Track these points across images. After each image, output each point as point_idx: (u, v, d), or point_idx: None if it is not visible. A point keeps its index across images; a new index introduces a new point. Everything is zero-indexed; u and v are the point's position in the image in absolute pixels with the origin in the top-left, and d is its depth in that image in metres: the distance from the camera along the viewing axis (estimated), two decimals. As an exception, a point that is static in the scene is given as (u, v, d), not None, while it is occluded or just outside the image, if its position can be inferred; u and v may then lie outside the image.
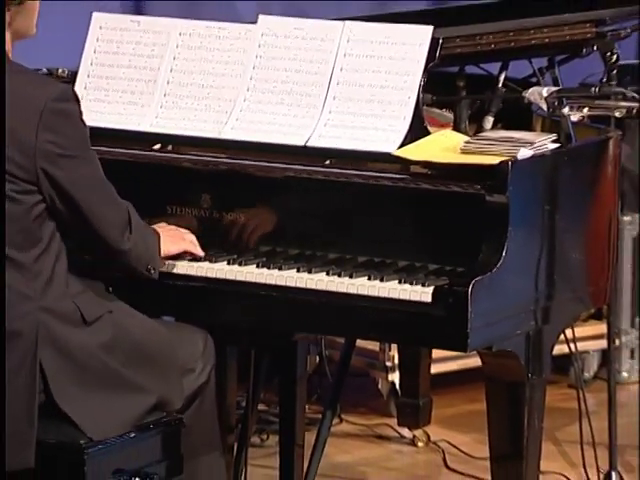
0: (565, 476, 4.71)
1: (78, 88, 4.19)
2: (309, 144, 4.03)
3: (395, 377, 5.25)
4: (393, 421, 5.26)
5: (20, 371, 3.50)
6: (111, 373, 3.61)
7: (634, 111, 4.01)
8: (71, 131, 3.53)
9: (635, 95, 4.06)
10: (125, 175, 3.84)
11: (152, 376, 3.69)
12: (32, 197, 3.49)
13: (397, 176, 3.93)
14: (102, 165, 3.65)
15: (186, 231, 3.95)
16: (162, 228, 3.83)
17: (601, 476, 4.56)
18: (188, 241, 3.92)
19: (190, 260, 3.93)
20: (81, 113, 3.57)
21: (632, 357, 5.60)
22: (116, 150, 4.03)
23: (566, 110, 3.96)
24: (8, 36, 3.57)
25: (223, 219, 4.04)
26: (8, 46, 3.57)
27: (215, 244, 4.02)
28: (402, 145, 3.95)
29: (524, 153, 3.81)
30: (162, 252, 3.79)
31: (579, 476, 4.64)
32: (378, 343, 5.21)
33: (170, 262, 3.90)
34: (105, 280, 3.75)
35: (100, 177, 3.60)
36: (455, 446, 5.06)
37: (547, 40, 4.49)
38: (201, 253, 3.94)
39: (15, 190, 3.46)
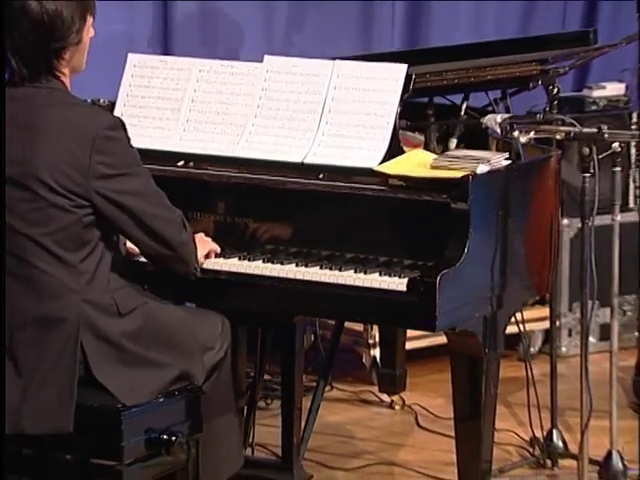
0: (516, 433, 4.72)
1: (118, 113, 4.22)
2: (305, 161, 4.04)
3: (376, 352, 5.28)
4: (374, 388, 5.27)
5: (64, 351, 3.50)
6: (139, 354, 3.60)
7: (571, 134, 4.04)
8: (119, 153, 3.52)
9: (572, 121, 4.09)
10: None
11: (177, 355, 3.68)
12: (84, 210, 3.47)
13: (378, 187, 3.94)
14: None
15: (208, 239, 3.96)
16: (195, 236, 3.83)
17: (544, 433, 4.57)
18: (210, 245, 3.93)
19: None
20: (128, 138, 3.56)
21: (570, 335, 5.61)
22: (147, 166, 4.03)
23: (516, 133, 3.99)
24: (67, 72, 3.57)
25: (235, 223, 4.06)
26: (67, 81, 3.57)
27: (228, 243, 4.02)
28: (382, 162, 3.97)
29: (482, 168, 3.84)
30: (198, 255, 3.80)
31: (527, 433, 4.64)
32: (362, 324, 5.19)
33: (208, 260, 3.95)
34: (142, 280, 3.75)
35: (151, 187, 3.59)
36: (425, 408, 5.07)
37: (501, 76, 4.52)
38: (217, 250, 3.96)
39: (70, 204, 3.45)
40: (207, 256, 3.90)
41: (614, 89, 5.76)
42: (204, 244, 3.87)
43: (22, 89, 3.52)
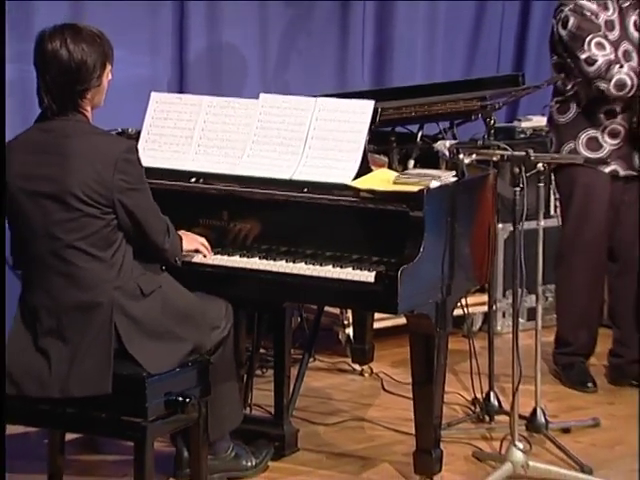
0: (461, 395, 4.73)
1: (141, 142, 4.23)
2: (293, 178, 4.04)
3: (349, 331, 5.28)
4: (348, 360, 5.28)
5: (101, 330, 3.51)
6: (162, 329, 3.61)
7: (505, 157, 4.05)
8: (133, 172, 3.53)
9: (505, 146, 4.11)
10: (172, 199, 3.87)
11: (191, 331, 3.69)
12: (109, 216, 3.49)
13: (351, 199, 3.95)
14: (156, 192, 3.68)
15: (197, 236, 3.97)
16: (183, 234, 3.85)
17: (483, 394, 4.58)
18: (199, 242, 3.94)
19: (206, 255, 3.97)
20: (139, 159, 3.59)
21: (504, 316, 5.63)
22: (165, 182, 4.05)
23: (461, 156, 4.00)
24: (89, 108, 3.58)
25: (236, 227, 4.06)
26: (89, 114, 3.58)
27: (230, 244, 4.04)
28: (354, 178, 3.97)
29: (434, 184, 3.85)
30: (183, 247, 3.83)
31: (469, 395, 4.65)
32: (338, 309, 5.19)
33: (201, 257, 3.95)
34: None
35: (151, 201, 3.61)
36: (389, 376, 5.07)
37: (448, 110, 4.54)
38: (208, 251, 3.96)
39: (99, 212, 3.47)
40: (197, 250, 3.93)
41: (538, 121, 5.79)
42: (191, 241, 3.90)
43: (53, 122, 3.54)
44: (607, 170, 4.83)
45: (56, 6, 5.09)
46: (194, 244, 3.91)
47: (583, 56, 4.67)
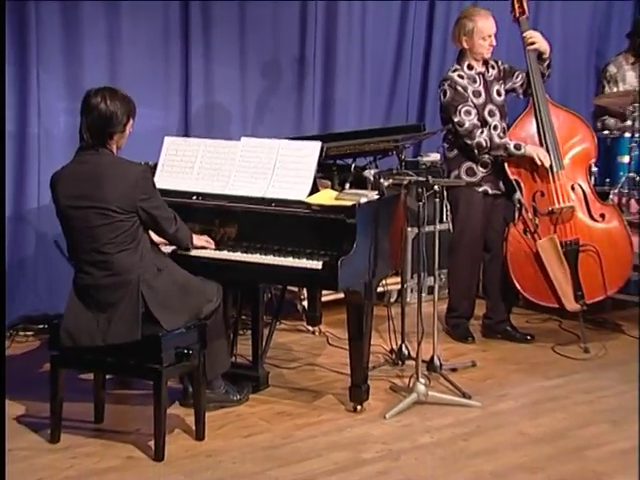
0: (382, 347, 4.68)
1: (158, 171, 4.21)
2: (264, 196, 4.03)
3: (305, 303, 5.26)
4: (304, 323, 5.24)
5: (131, 298, 3.51)
6: (174, 298, 3.60)
7: (412, 181, 4.05)
8: (149, 186, 3.57)
9: (412, 174, 4.12)
10: (179, 211, 3.80)
11: (193, 301, 3.68)
12: (134, 219, 3.51)
13: (305, 210, 3.93)
14: (169, 205, 3.69)
15: (206, 237, 3.96)
16: (194, 235, 3.87)
17: (397, 346, 4.55)
18: (205, 239, 3.94)
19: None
20: (152, 177, 3.65)
21: (411, 292, 5.61)
22: (175, 199, 4.00)
23: (382, 180, 4.01)
24: (114, 147, 3.58)
25: (224, 231, 4.03)
26: (114, 150, 3.58)
27: (220, 242, 4.00)
28: (308, 196, 3.96)
29: (363, 200, 3.85)
30: (193, 242, 3.85)
31: (388, 346, 4.61)
32: (297, 287, 5.17)
33: (199, 251, 3.90)
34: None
35: (161, 202, 3.63)
36: (332, 334, 5.04)
37: (373, 148, 4.53)
38: (212, 245, 3.95)
39: (126, 217, 3.49)
40: (204, 247, 3.92)
41: (435, 156, 5.77)
42: (199, 239, 3.90)
43: (87, 156, 3.55)
44: (480, 190, 4.84)
45: (98, 71, 5.07)
46: (201, 242, 3.91)
47: (456, 119, 4.69)
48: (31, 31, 4.84)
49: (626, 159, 5.90)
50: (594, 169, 5.22)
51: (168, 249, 3.85)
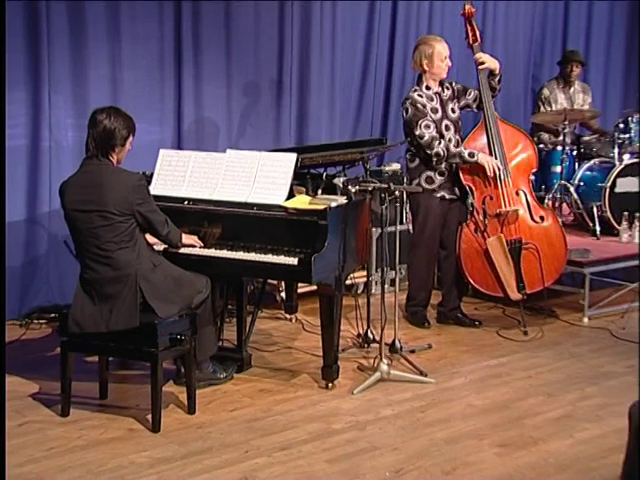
0: (350, 332, 4.68)
1: (154, 179, 4.18)
2: (247, 201, 4.00)
3: (283, 294, 5.22)
4: (282, 312, 5.20)
5: (130, 290, 3.49)
6: (167, 290, 3.59)
7: (376, 187, 4.05)
8: (144, 192, 3.55)
9: (376, 181, 4.12)
10: (173, 214, 3.80)
11: (185, 292, 3.67)
12: (131, 220, 3.50)
13: (283, 213, 3.92)
14: (163, 210, 3.67)
15: (195, 237, 3.93)
16: (184, 235, 3.84)
17: (364, 331, 4.54)
18: (193, 239, 3.91)
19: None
20: (146, 184, 3.62)
21: (376, 284, 5.56)
22: (169, 204, 3.98)
23: (350, 187, 4.00)
24: (115, 160, 3.57)
25: (212, 231, 4.00)
26: (115, 162, 3.57)
27: (208, 241, 3.97)
28: (285, 200, 3.94)
29: (334, 204, 3.86)
30: (183, 241, 3.82)
31: (355, 331, 4.62)
32: (276, 281, 5.14)
33: (190, 249, 3.89)
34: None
35: (154, 206, 3.61)
36: (308, 321, 5.02)
37: (342, 159, 4.54)
38: (199, 243, 3.92)
39: (125, 219, 3.48)
40: (192, 245, 3.90)
41: (396, 166, 5.77)
42: (188, 238, 3.87)
43: (91, 166, 3.54)
44: (438, 195, 4.84)
45: (102, 91, 5.05)
46: (190, 240, 3.88)
47: (417, 132, 4.69)
48: (43, 58, 4.85)
49: (558, 169, 6.01)
50: (532, 177, 5.26)
51: (160, 248, 3.84)
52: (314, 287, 4.38)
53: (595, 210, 5.78)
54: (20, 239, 4.90)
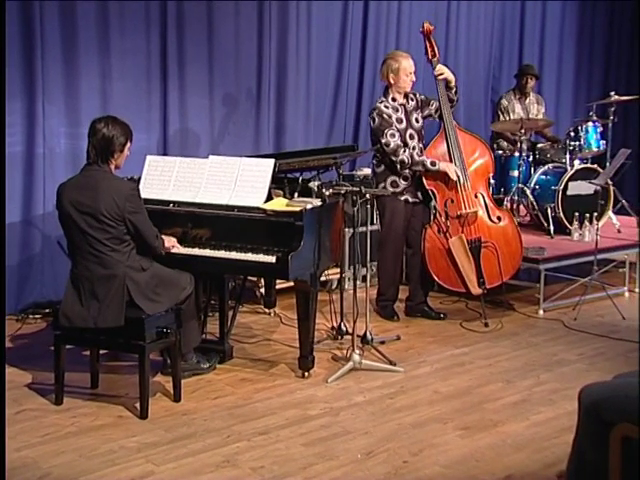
0: (325, 325, 4.69)
1: (141, 183, 4.13)
2: (228, 203, 3.98)
3: (262, 290, 5.20)
4: (261, 306, 5.18)
5: (118, 289, 3.46)
6: (153, 289, 3.56)
7: (348, 190, 4.05)
8: (137, 201, 3.51)
9: (348, 185, 4.12)
10: (159, 216, 3.81)
11: (170, 290, 3.64)
12: (122, 225, 3.46)
13: (262, 215, 3.90)
14: (150, 211, 3.64)
15: (173, 239, 3.89)
16: (164, 237, 3.78)
17: (337, 324, 4.56)
18: (172, 242, 3.86)
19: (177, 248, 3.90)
20: (140, 194, 3.57)
21: (348, 280, 5.57)
22: (156, 206, 3.96)
23: (324, 190, 4.01)
24: (113, 166, 3.54)
25: (196, 232, 3.99)
26: (113, 169, 3.54)
27: (192, 241, 3.96)
28: (264, 202, 3.93)
29: (309, 206, 3.86)
30: (165, 246, 3.77)
31: (330, 324, 4.62)
32: (256, 277, 5.12)
33: (176, 249, 3.86)
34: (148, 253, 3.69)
35: (147, 218, 3.57)
36: (285, 315, 5.01)
37: (316, 164, 4.52)
38: (177, 247, 3.87)
39: (116, 223, 3.44)
40: (172, 246, 3.86)
41: (367, 171, 5.78)
42: (168, 241, 3.82)
43: (90, 172, 3.51)
44: (402, 198, 4.85)
45: (93, 102, 5.01)
46: (169, 243, 3.84)
47: (383, 141, 4.70)
48: (38, 71, 4.83)
49: (516, 173, 6.05)
50: (492, 181, 5.30)
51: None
52: (291, 283, 4.35)
53: (549, 211, 5.83)
54: (16, 239, 4.89)
